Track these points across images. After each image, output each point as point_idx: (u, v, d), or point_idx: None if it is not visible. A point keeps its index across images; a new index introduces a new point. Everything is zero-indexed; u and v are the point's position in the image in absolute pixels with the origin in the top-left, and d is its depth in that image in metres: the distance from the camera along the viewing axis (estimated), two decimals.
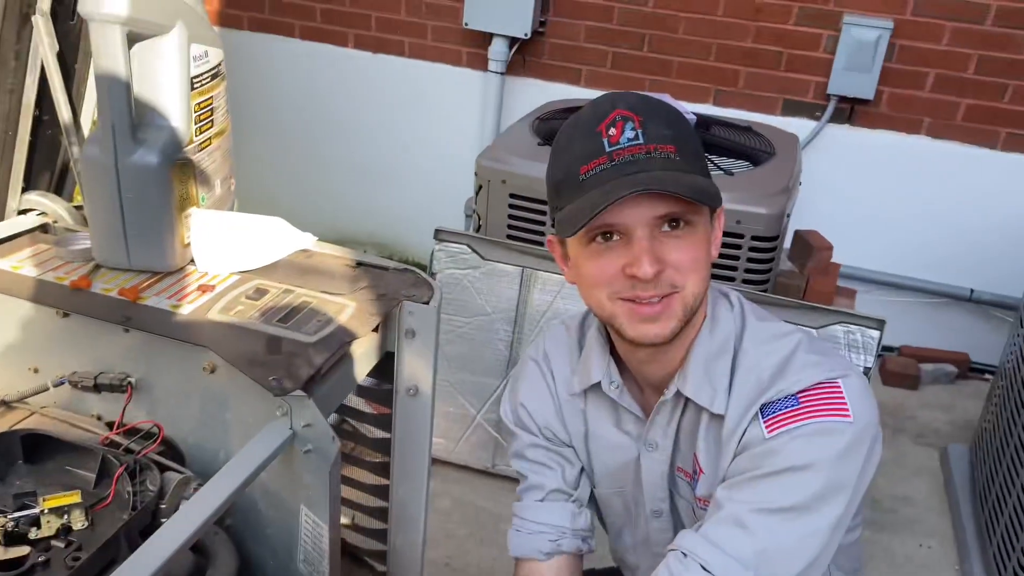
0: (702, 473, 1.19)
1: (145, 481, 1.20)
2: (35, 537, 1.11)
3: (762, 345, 1.15)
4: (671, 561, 1.09)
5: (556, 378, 1.32)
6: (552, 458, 1.33)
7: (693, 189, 1.03)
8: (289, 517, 1.23)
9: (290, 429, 1.12)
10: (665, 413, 1.22)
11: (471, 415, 2.78)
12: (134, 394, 1.26)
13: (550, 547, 1.30)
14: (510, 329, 2.64)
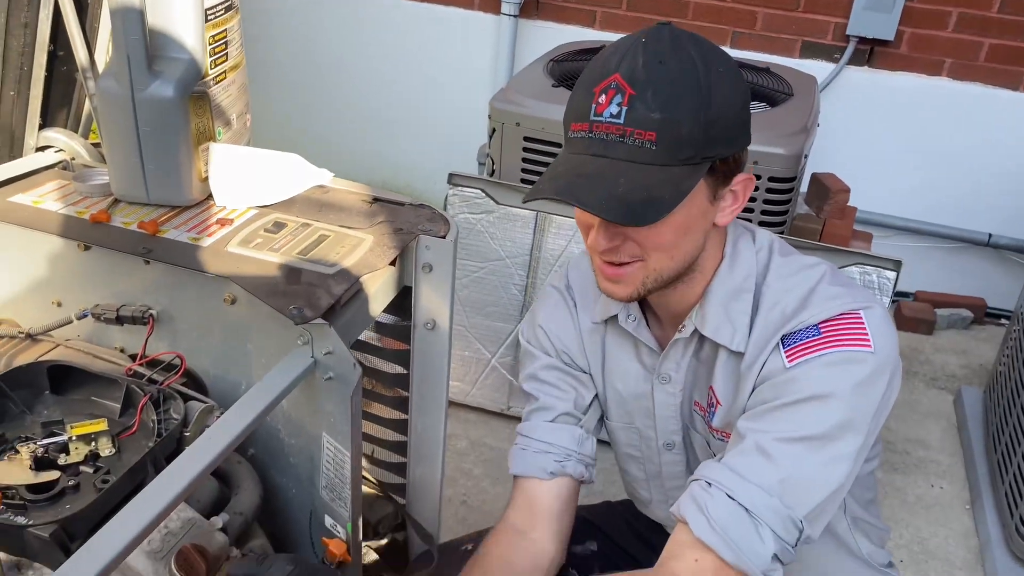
0: (719, 405, 1.20)
1: (169, 410, 1.22)
2: (64, 463, 1.13)
3: (786, 279, 1.15)
4: (695, 490, 1.10)
5: (579, 307, 1.33)
6: (567, 381, 1.34)
7: (629, 210, 1.02)
8: (311, 445, 1.25)
9: (311, 357, 1.14)
10: (680, 348, 1.23)
11: (486, 359, 2.80)
12: (156, 326, 1.28)
13: (554, 467, 1.31)
14: (524, 274, 2.64)
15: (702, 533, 1.05)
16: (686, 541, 1.07)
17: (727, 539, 1.04)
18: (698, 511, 1.07)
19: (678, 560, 1.07)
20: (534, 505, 1.32)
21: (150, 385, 1.24)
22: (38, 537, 1.00)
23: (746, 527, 1.04)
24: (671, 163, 1.03)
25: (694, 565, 1.06)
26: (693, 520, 1.07)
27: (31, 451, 1.13)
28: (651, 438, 1.34)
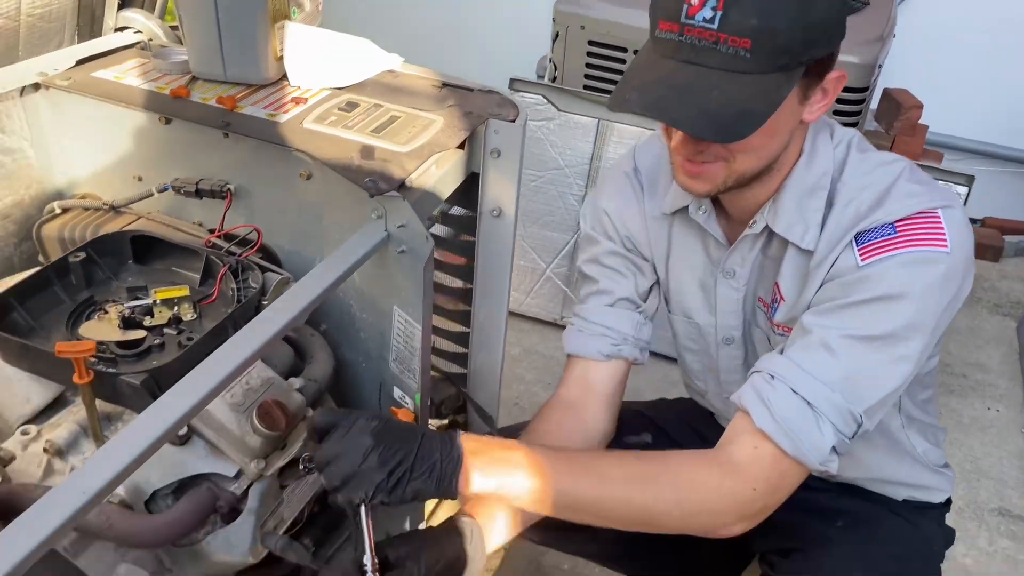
0: (783, 301, 1.20)
1: (247, 280, 1.27)
2: (149, 325, 1.19)
3: (863, 176, 1.13)
4: (757, 382, 1.10)
5: (646, 192, 1.32)
6: (628, 267, 1.34)
7: (721, 126, 1.00)
8: (382, 319, 1.29)
9: (385, 231, 1.16)
10: (748, 244, 1.22)
11: (541, 269, 2.82)
12: (233, 201, 1.32)
13: (610, 350, 1.32)
14: (583, 184, 2.63)
15: (763, 423, 1.06)
16: (746, 429, 1.09)
17: (787, 430, 1.05)
18: (760, 402, 1.07)
19: (736, 445, 1.09)
20: (587, 383, 1.34)
21: (229, 256, 1.28)
22: (130, 384, 1.06)
23: (807, 420, 1.05)
24: (765, 71, 0.99)
25: (752, 452, 1.07)
26: (755, 411, 1.08)
27: (119, 312, 1.19)
28: (710, 333, 1.35)
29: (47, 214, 1.41)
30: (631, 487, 1.07)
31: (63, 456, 1.13)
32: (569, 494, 1.05)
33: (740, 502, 1.07)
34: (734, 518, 1.07)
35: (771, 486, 1.07)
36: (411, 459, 0.98)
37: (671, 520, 1.08)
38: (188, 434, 1.10)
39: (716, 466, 1.08)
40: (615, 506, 1.07)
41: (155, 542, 1.06)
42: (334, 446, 0.97)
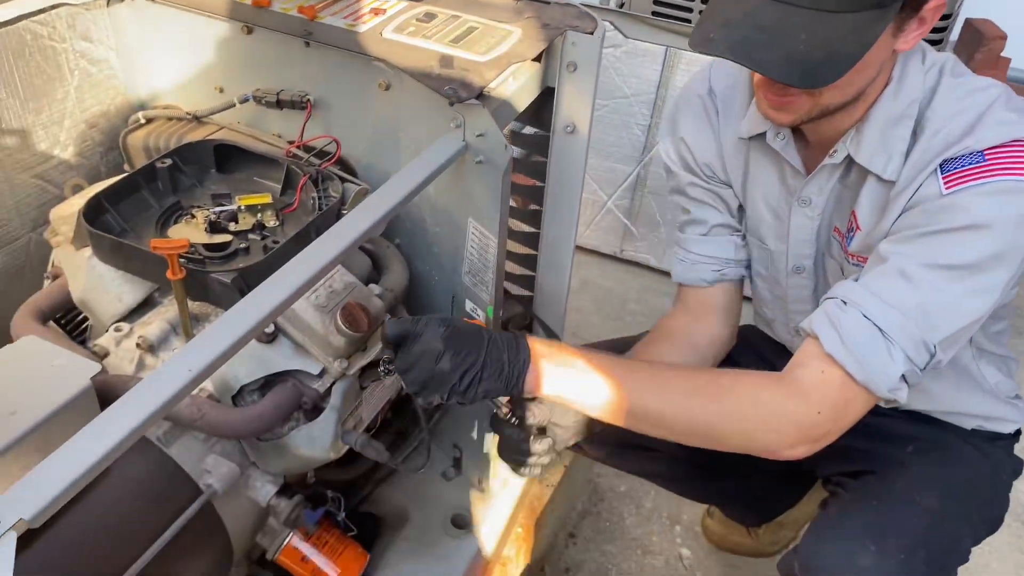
0: (859, 230, 1.17)
1: (327, 189, 1.29)
2: (234, 230, 1.23)
3: (955, 103, 1.08)
4: (829, 307, 1.08)
5: (722, 116, 1.30)
6: (712, 196, 1.34)
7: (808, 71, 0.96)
8: (456, 233, 1.31)
9: (463, 141, 1.17)
10: (826, 173, 1.19)
11: (602, 201, 2.81)
12: (313, 112, 1.33)
13: (713, 276, 1.35)
14: (648, 113, 2.60)
15: (832, 348, 1.05)
16: (814, 353, 1.07)
17: (857, 355, 1.03)
18: (830, 327, 1.06)
19: (804, 369, 1.08)
20: (702, 302, 1.38)
21: (309, 166, 1.31)
22: (221, 282, 1.10)
23: (877, 346, 1.03)
24: (859, 8, 0.96)
25: (820, 376, 1.06)
26: (824, 335, 1.06)
27: (205, 216, 1.23)
28: (781, 260, 1.34)
29: (132, 124, 1.44)
30: (695, 401, 1.07)
31: (154, 352, 1.18)
32: (633, 402, 1.06)
33: (803, 425, 1.06)
34: (796, 440, 1.06)
35: (836, 412, 1.06)
36: (480, 362, 1.01)
37: (733, 437, 1.08)
38: (275, 333, 1.14)
39: (782, 387, 1.08)
40: (678, 419, 1.08)
41: (242, 433, 1.10)
42: (408, 355, 1.01)
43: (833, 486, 1.37)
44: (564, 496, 1.88)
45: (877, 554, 1.12)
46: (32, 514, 0.65)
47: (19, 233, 1.39)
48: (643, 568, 1.91)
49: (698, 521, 2.01)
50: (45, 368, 1.02)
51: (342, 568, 1.28)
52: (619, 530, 1.99)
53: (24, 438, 0.92)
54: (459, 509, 1.54)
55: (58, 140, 1.40)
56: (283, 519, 1.22)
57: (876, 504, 1.23)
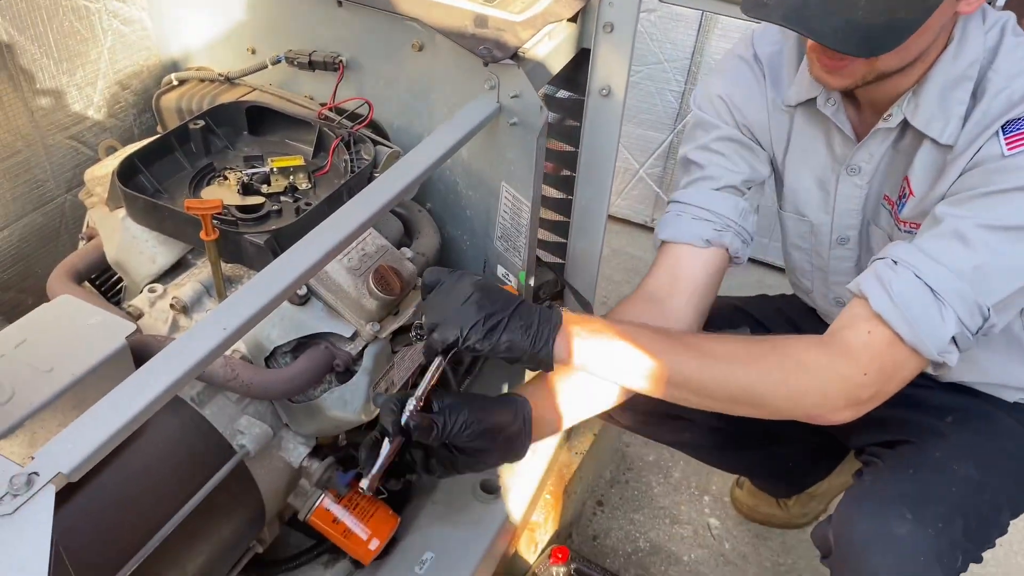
0: (911, 196, 1.13)
1: (359, 152, 1.28)
2: (267, 192, 1.22)
3: (1017, 63, 1.04)
4: (879, 267, 1.05)
5: (769, 80, 1.25)
6: (742, 154, 1.28)
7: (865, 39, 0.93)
8: (488, 196, 1.29)
9: (497, 102, 1.15)
10: (879, 138, 1.15)
11: (634, 169, 2.77)
12: (345, 73, 1.32)
13: (711, 234, 1.24)
14: (682, 79, 2.55)
15: (881, 307, 1.01)
16: (861, 314, 1.04)
17: (907, 315, 0.99)
18: (879, 286, 1.03)
19: (850, 329, 1.04)
20: (678, 273, 1.25)
21: (341, 129, 1.29)
22: (254, 243, 1.10)
23: (929, 306, 1.00)
24: None
25: (867, 336, 1.03)
26: (873, 294, 1.03)
27: (238, 178, 1.22)
28: (824, 232, 1.30)
29: (165, 86, 1.44)
30: (735, 365, 1.04)
31: (188, 313, 1.18)
32: (671, 369, 1.03)
33: (850, 387, 1.03)
34: (842, 403, 1.03)
35: (884, 374, 1.03)
36: (508, 312, 0.99)
37: (776, 401, 1.05)
38: (307, 295, 1.13)
39: (827, 349, 1.04)
40: (719, 384, 1.04)
41: (275, 394, 1.11)
42: (438, 293, 1.00)
43: (868, 456, 1.35)
44: (592, 464, 1.88)
45: (913, 522, 1.10)
46: (70, 468, 0.65)
47: (55, 194, 1.40)
48: (671, 537, 1.90)
49: (727, 492, 2.00)
50: (81, 327, 1.02)
51: (372, 530, 1.29)
52: (647, 499, 1.99)
53: (60, 395, 0.93)
54: (488, 474, 1.54)
55: (92, 101, 1.40)
56: (315, 480, 1.23)
57: (913, 473, 1.20)
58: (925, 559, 1.06)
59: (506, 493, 1.53)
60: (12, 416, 0.90)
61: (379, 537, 1.29)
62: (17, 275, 1.37)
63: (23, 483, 0.61)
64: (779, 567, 1.85)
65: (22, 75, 1.28)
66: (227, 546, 1.18)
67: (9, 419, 0.90)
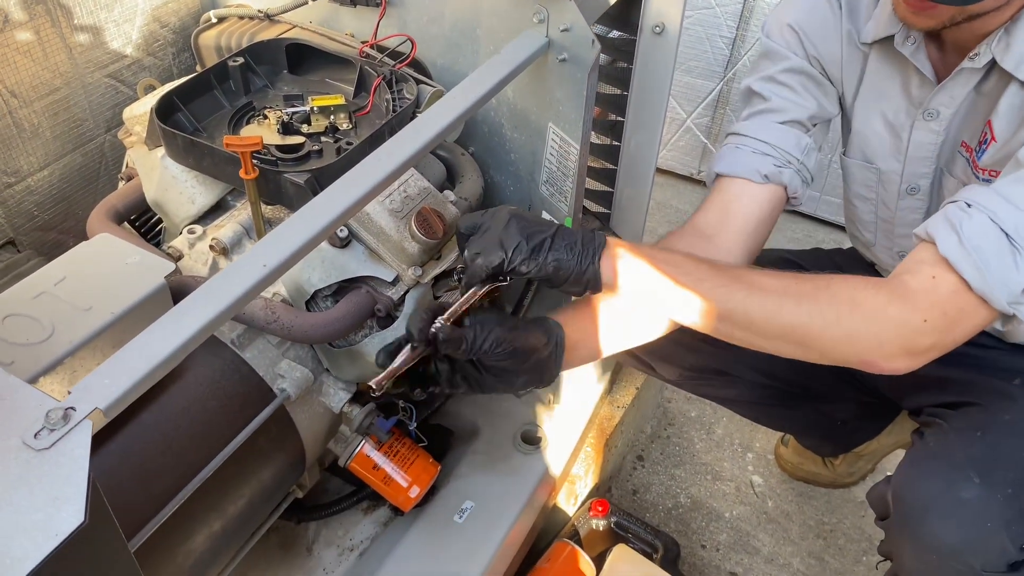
0: (993, 142, 1.06)
1: (402, 91, 1.24)
2: (307, 132, 1.19)
3: None
4: (951, 210, 0.97)
5: (846, 11, 1.17)
6: (809, 89, 1.21)
7: None
8: (534, 138, 1.24)
9: (546, 37, 1.10)
10: (962, 80, 1.08)
11: (681, 119, 2.69)
12: (387, 9, 1.27)
13: (770, 170, 1.18)
14: (734, 25, 2.45)
15: (949, 250, 0.93)
16: (927, 259, 0.96)
17: (977, 260, 0.91)
18: (949, 228, 0.95)
19: (913, 275, 0.97)
20: (730, 209, 1.20)
21: (383, 67, 1.25)
22: (294, 183, 1.07)
23: (1002, 252, 0.92)
24: None
25: (930, 282, 0.95)
26: (941, 236, 0.94)
27: (278, 117, 1.19)
28: (893, 181, 1.22)
29: (203, 23, 1.40)
30: (786, 299, 0.97)
31: (227, 255, 1.16)
32: (719, 300, 0.97)
33: (907, 332, 0.95)
34: (898, 349, 0.95)
35: (946, 321, 0.94)
36: (551, 232, 0.96)
37: (827, 341, 0.97)
38: (348, 237, 1.10)
39: (885, 289, 0.96)
40: (767, 318, 0.97)
41: (315, 338, 1.08)
42: (478, 227, 0.97)
43: (928, 417, 1.29)
44: (633, 418, 1.85)
45: (982, 486, 1.04)
46: (107, 404, 0.63)
47: (94, 134, 1.38)
48: (712, 494, 1.88)
49: (771, 449, 1.96)
50: (120, 266, 1.01)
51: (413, 477, 1.28)
52: (688, 455, 1.96)
53: (99, 333, 0.92)
54: (529, 426, 1.52)
55: (130, 39, 1.37)
56: (355, 426, 1.21)
57: (981, 435, 1.13)
58: (992, 525, 1.01)
59: (547, 445, 1.51)
60: (52, 353, 0.89)
61: (419, 485, 1.28)
62: (58, 215, 1.36)
63: (59, 418, 0.59)
64: (823, 526, 1.81)
65: (60, 10, 1.25)
66: (267, 490, 1.17)
67: (49, 356, 0.89)
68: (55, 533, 0.52)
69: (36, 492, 0.54)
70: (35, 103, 1.25)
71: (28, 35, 1.20)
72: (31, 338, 0.90)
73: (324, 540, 1.39)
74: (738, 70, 2.50)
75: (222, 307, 0.72)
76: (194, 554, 1.07)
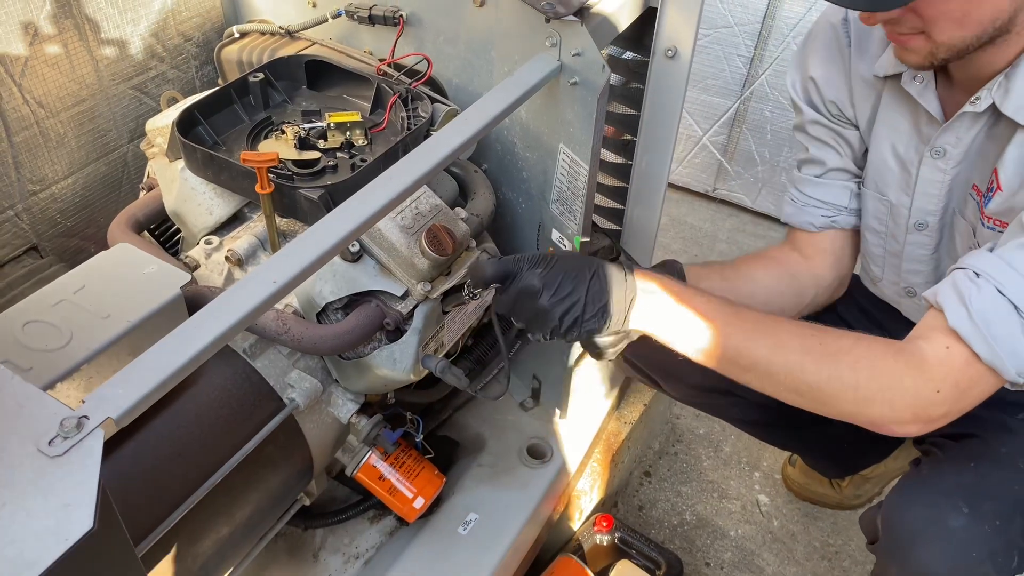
0: (999, 191, 1.06)
1: (417, 109, 1.26)
2: (323, 147, 1.21)
3: None
4: (959, 278, 0.97)
5: (854, 48, 1.19)
6: (834, 138, 1.26)
7: None
8: (546, 158, 1.26)
9: (558, 60, 1.12)
10: (966, 122, 1.09)
11: (697, 136, 2.70)
12: (405, 28, 1.30)
13: (823, 222, 1.30)
14: (752, 44, 2.46)
15: (958, 324, 0.94)
16: (939, 327, 0.97)
17: (986, 334, 0.92)
18: (958, 301, 0.95)
19: (927, 342, 0.97)
20: (810, 243, 1.34)
21: (399, 85, 1.28)
22: (308, 198, 1.09)
23: (1010, 325, 0.92)
24: None
25: (944, 352, 0.95)
26: (951, 309, 0.95)
27: (295, 133, 1.22)
28: (902, 214, 1.23)
29: (226, 38, 1.44)
30: (807, 358, 0.99)
31: (243, 266, 1.19)
32: (740, 351, 0.99)
33: (920, 401, 0.96)
34: (910, 416, 0.97)
35: (958, 391, 0.95)
36: (582, 303, 0.98)
37: (842, 404, 0.99)
38: (360, 252, 1.13)
39: (903, 358, 0.97)
40: (786, 374, 0.99)
41: (325, 350, 1.11)
42: (508, 295, 1.00)
43: (928, 446, 1.30)
44: (641, 434, 1.86)
45: (969, 516, 1.05)
46: (119, 413, 0.65)
47: (117, 144, 1.42)
48: (718, 511, 1.88)
49: (778, 469, 1.97)
50: (138, 275, 1.03)
51: (418, 488, 1.30)
52: (696, 472, 1.96)
53: (116, 341, 0.94)
54: (536, 439, 1.54)
55: (155, 52, 1.41)
56: (362, 437, 1.24)
57: (974, 466, 1.15)
58: (977, 555, 1.01)
59: (553, 459, 1.52)
60: (70, 360, 0.92)
61: (424, 496, 1.30)
62: (81, 222, 1.40)
63: (73, 426, 0.61)
64: (828, 548, 1.81)
65: (87, 23, 1.29)
66: (275, 497, 1.20)
67: (67, 363, 0.92)
68: (65, 538, 0.54)
69: (49, 498, 0.56)
70: (61, 113, 1.29)
71: (56, 48, 1.24)
72: (50, 344, 0.93)
73: (330, 547, 1.41)
74: (755, 89, 2.51)
75: (231, 323, 0.74)
76: (201, 557, 1.09)
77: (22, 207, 1.28)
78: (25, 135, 1.24)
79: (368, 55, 1.36)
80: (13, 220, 1.28)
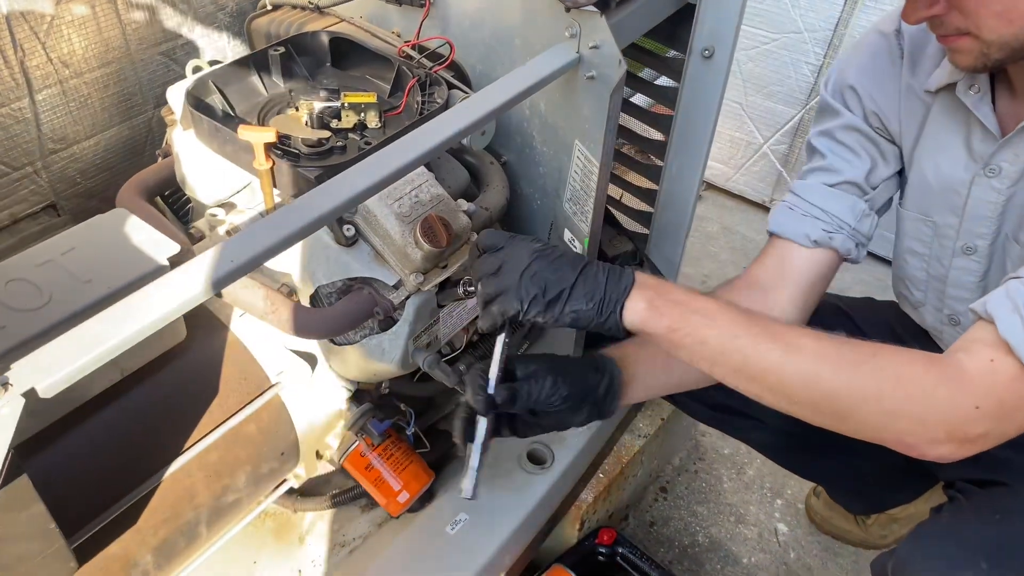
0: None
1: (433, 94, 1.23)
2: (335, 127, 1.19)
3: None
4: (1013, 288, 0.87)
5: (907, 61, 1.11)
6: (866, 148, 1.15)
7: None
8: (561, 154, 1.21)
9: (576, 52, 1.06)
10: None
11: (758, 143, 2.60)
12: (431, 10, 1.26)
13: (819, 236, 1.14)
14: (822, 52, 2.35)
15: (1011, 333, 0.83)
16: (984, 339, 0.87)
17: None
18: (1012, 309, 0.85)
19: (969, 354, 0.87)
20: (785, 267, 1.17)
21: (419, 68, 1.24)
22: (305, 178, 1.07)
23: None
24: None
25: (988, 365, 0.85)
26: (1003, 317, 0.85)
27: (309, 110, 1.19)
28: (949, 237, 1.14)
29: (259, 9, 1.43)
30: (823, 365, 0.88)
31: None
32: (749, 357, 0.90)
33: (956, 417, 0.85)
34: (944, 434, 0.85)
35: (1003, 409, 0.84)
36: (572, 278, 0.92)
37: (864, 416, 0.88)
38: (355, 237, 1.10)
39: (936, 368, 0.87)
40: (800, 383, 0.89)
41: (312, 333, 1.08)
42: (493, 259, 0.94)
43: (953, 491, 1.20)
44: (658, 449, 1.80)
45: (988, 574, 0.96)
46: (44, 384, 0.64)
47: (142, 108, 1.42)
48: (733, 536, 1.80)
49: (802, 498, 1.87)
50: (127, 243, 1.02)
51: (404, 482, 1.27)
52: (714, 493, 1.89)
53: (93, 307, 0.93)
54: (537, 444, 1.49)
55: (186, 19, 1.41)
56: (349, 424, 1.21)
57: (1000, 519, 1.04)
58: None
59: (553, 466, 1.47)
60: (44, 322, 0.91)
61: (409, 490, 1.27)
62: (101, 184, 1.41)
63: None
64: None
65: None
66: (257, 476, 1.18)
67: (42, 323, 0.91)
68: None
69: None
70: (86, 74, 1.30)
71: (84, 9, 1.24)
72: (28, 304, 0.93)
73: (318, 532, 1.39)
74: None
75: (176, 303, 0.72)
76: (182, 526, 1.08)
77: (41, 164, 1.29)
78: (47, 93, 1.25)
79: (396, 36, 1.33)
80: (32, 176, 1.29)
